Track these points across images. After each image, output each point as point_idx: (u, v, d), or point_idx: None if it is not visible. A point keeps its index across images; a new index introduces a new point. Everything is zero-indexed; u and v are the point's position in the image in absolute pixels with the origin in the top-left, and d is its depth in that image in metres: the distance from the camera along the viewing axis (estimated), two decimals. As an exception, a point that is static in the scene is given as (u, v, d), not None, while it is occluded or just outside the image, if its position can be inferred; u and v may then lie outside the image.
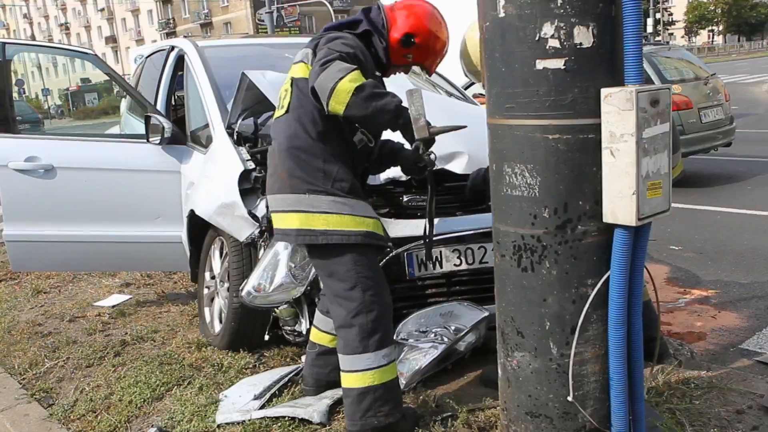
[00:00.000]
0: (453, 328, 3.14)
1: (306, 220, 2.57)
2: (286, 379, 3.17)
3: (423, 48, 2.71)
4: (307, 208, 2.57)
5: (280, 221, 2.67)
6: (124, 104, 5.83)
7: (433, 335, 3.12)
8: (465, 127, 2.71)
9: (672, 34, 74.99)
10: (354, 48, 2.55)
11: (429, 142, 2.54)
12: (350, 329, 2.60)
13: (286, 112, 2.66)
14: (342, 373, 2.68)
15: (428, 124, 2.49)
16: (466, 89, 5.18)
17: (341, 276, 2.61)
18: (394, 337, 3.15)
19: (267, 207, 3.28)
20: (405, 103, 2.49)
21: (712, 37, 75.83)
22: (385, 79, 2.87)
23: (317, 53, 2.55)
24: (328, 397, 2.93)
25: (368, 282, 2.61)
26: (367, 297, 2.59)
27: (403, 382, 3.01)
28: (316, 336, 3.00)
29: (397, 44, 2.69)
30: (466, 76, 3.28)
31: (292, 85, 2.67)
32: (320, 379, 2.99)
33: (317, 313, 3.02)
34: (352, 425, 2.64)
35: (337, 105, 2.41)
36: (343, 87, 2.37)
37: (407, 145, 2.75)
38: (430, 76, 2.92)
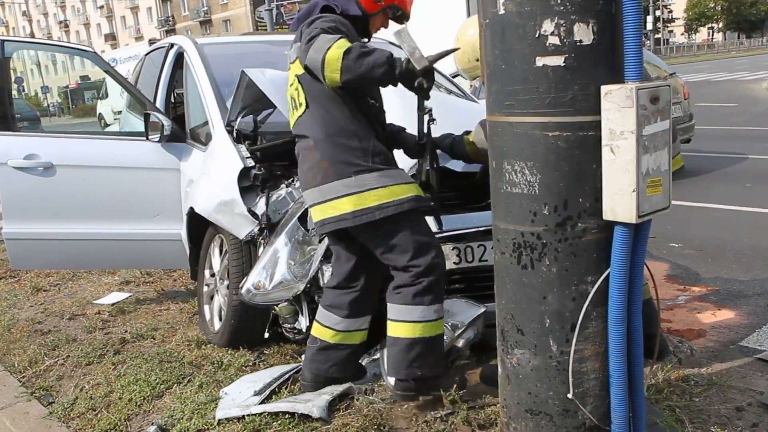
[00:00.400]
0: (450, 324, 3.14)
1: (359, 201, 2.64)
2: (287, 376, 3.16)
3: None
4: (357, 189, 2.64)
5: (330, 209, 2.69)
6: (101, 105, 5.84)
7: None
8: (458, 49, 2.82)
9: (672, 31, 75.06)
10: (334, 21, 2.66)
11: (429, 73, 2.58)
12: (415, 286, 2.70)
13: (307, 107, 2.73)
14: (391, 323, 2.77)
15: (423, 56, 2.54)
16: (454, 77, 5.21)
17: (402, 248, 2.70)
18: None
19: (267, 204, 3.29)
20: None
21: (712, 35, 75.81)
22: None
23: (300, 56, 2.66)
24: (328, 392, 2.93)
25: (426, 247, 2.70)
26: (427, 261, 2.68)
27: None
28: (318, 331, 2.99)
29: None
30: (461, 75, 3.29)
31: (300, 83, 2.74)
32: (319, 374, 2.99)
33: (320, 308, 3.01)
34: (397, 373, 2.75)
35: (332, 74, 2.51)
36: (332, 55, 2.48)
37: (409, 129, 2.90)
38: (408, 19, 2.96)
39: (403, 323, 2.74)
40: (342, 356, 2.96)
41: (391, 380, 2.97)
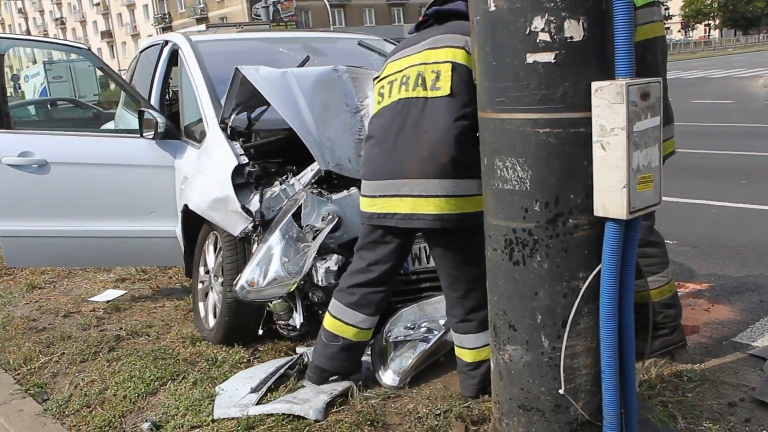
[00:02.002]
0: (442, 321, 3.15)
1: (463, 205, 2.61)
2: (282, 371, 3.16)
3: None
4: (464, 192, 2.60)
5: (432, 206, 2.62)
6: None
7: (422, 329, 3.14)
8: None
9: (668, 28, 75.03)
10: None
11: None
12: (486, 308, 2.68)
13: (450, 94, 2.59)
14: (472, 351, 2.82)
15: None
16: None
17: (473, 260, 2.68)
18: (385, 336, 3.18)
19: (260, 201, 3.29)
20: None
21: (709, 32, 75.88)
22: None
23: None
24: (326, 393, 2.93)
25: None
26: None
27: (396, 378, 3.02)
28: (339, 329, 2.94)
29: None
30: None
31: (453, 70, 2.60)
32: (328, 369, 3.00)
33: (338, 305, 2.95)
34: (481, 391, 2.82)
35: None
36: None
37: None
38: None
39: (487, 347, 2.68)
40: (359, 354, 3.03)
41: (389, 377, 3.01)
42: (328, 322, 2.98)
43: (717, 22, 73.78)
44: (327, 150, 3.30)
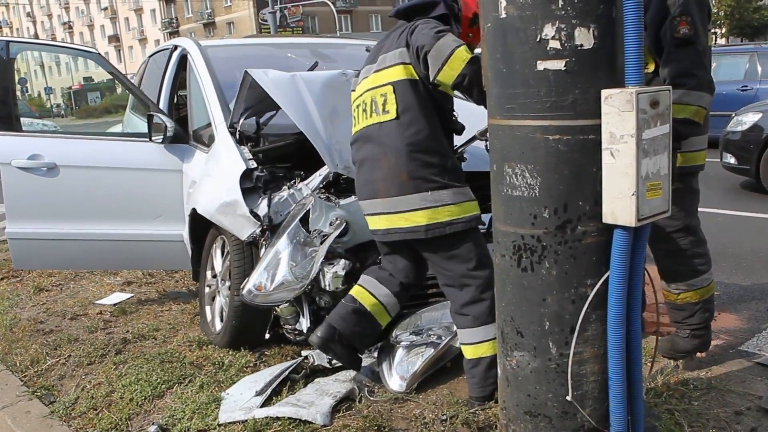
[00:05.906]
0: (449, 326, 3.15)
1: (433, 215, 2.72)
2: (287, 373, 3.16)
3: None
4: (432, 203, 2.71)
5: (401, 220, 2.77)
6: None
7: (429, 335, 3.14)
8: None
9: (675, 36, 74.85)
10: (448, 31, 2.70)
11: None
12: (481, 303, 2.77)
13: (397, 117, 2.73)
14: (470, 346, 2.82)
15: None
16: None
17: (464, 258, 2.79)
18: (392, 341, 3.19)
19: (269, 206, 3.30)
20: None
21: (715, 40, 75.75)
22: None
23: (417, 41, 2.66)
24: (331, 395, 2.94)
25: (486, 259, 2.78)
26: (489, 273, 2.73)
27: (403, 384, 3.03)
28: (360, 294, 3.06)
29: (466, 22, 2.84)
30: None
31: (394, 90, 2.74)
32: (335, 333, 3.01)
33: (366, 277, 3.09)
34: (482, 391, 2.82)
35: (451, 71, 2.57)
36: (459, 55, 2.55)
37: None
38: None
39: (484, 343, 2.79)
40: (368, 328, 3.05)
41: (396, 383, 2.99)
42: (354, 289, 3.10)
43: (723, 30, 73.78)
44: (336, 152, 3.31)
